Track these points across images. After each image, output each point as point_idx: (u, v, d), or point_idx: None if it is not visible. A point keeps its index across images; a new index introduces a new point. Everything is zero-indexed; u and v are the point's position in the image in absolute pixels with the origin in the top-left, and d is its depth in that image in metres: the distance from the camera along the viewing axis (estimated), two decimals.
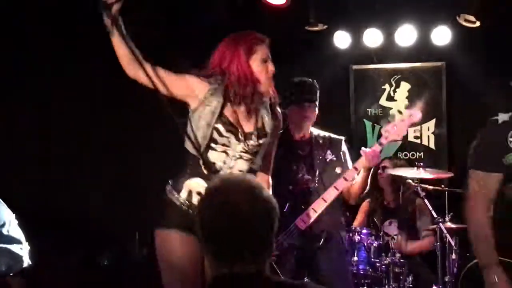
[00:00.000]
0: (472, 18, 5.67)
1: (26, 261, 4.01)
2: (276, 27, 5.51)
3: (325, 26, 6.03)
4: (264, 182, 3.56)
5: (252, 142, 3.46)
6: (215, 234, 1.90)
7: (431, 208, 5.13)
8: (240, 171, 3.47)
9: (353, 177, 4.20)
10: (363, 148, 4.14)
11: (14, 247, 3.96)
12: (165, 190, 3.48)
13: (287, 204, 4.26)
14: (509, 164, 3.22)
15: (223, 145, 3.42)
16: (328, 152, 4.41)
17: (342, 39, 6.32)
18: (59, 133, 6.21)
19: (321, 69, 6.27)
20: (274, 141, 3.61)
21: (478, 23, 5.69)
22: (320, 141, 4.44)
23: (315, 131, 4.51)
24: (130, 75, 3.38)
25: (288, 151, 4.34)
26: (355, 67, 6.62)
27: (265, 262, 1.93)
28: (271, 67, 3.37)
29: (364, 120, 4.07)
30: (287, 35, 6.04)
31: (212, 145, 3.41)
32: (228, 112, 3.43)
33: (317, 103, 4.44)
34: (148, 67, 3.35)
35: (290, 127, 4.44)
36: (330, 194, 4.17)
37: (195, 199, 3.40)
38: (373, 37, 6.32)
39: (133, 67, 3.35)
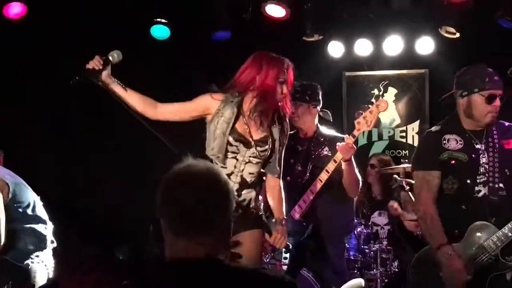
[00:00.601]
0: (452, 29, 5.72)
1: (50, 240, 3.99)
2: (277, 38, 5.66)
3: (321, 37, 6.05)
4: (277, 185, 3.69)
5: (260, 148, 3.55)
6: (173, 206, 1.78)
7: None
8: (251, 173, 3.57)
9: (333, 169, 4.13)
10: (338, 143, 4.09)
11: (39, 227, 3.92)
12: None
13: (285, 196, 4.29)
14: (444, 160, 3.44)
15: (233, 152, 3.54)
16: (325, 148, 4.38)
17: (335, 49, 6.36)
18: (79, 131, 6.23)
19: (317, 75, 6.09)
20: (282, 148, 3.68)
21: (457, 34, 5.74)
22: (321, 139, 4.41)
23: (322, 130, 4.49)
24: (150, 117, 3.52)
25: (289, 146, 4.29)
26: (347, 73, 6.67)
27: (219, 240, 1.82)
28: (285, 89, 3.45)
29: (355, 115, 4.20)
30: (287, 44, 5.83)
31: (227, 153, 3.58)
32: (239, 124, 3.52)
33: (308, 102, 4.41)
34: (161, 107, 3.53)
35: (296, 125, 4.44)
36: (316, 186, 4.19)
37: None
38: (363, 47, 6.36)
39: (148, 110, 3.50)
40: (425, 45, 6.24)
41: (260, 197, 3.75)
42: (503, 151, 3.48)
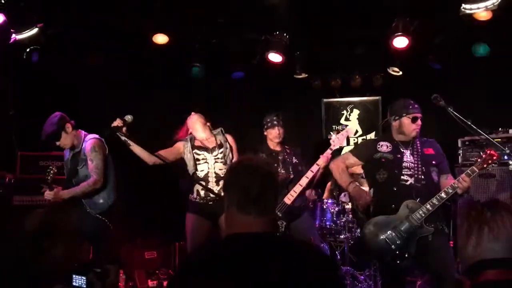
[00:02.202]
0: (396, 69, 6.00)
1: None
2: (276, 76, 6.02)
3: (306, 75, 6.21)
4: None
5: (216, 152, 4.02)
6: (240, 189, 1.68)
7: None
8: (220, 169, 3.94)
9: (316, 170, 4.24)
10: (321, 155, 4.24)
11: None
12: (188, 195, 4.08)
13: None
14: (376, 158, 3.62)
15: (203, 159, 4.01)
16: (293, 157, 4.46)
17: (316, 82, 6.51)
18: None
19: (303, 102, 6.59)
20: (233, 149, 4.08)
21: (400, 72, 6.00)
22: (288, 151, 4.50)
23: (285, 145, 4.55)
24: (150, 163, 3.87)
25: (270, 156, 4.44)
26: (325, 100, 6.77)
27: (271, 219, 1.73)
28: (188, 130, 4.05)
29: (331, 132, 4.31)
30: (282, 80, 6.26)
31: (198, 162, 4.00)
32: (196, 142, 4.04)
33: (281, 126, 4.45)
34: (158, 155, 3.84)
35: (269, 143, 4.50)
36: (303, 181, 4.26)
37: (202, 193, 3.93)
38: (336, 81, 6.52)
39: (148, 160, 3.86)
40: (379, 80, 6.39)
41: None
42: (423, 155, 3.60)
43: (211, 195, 3.90)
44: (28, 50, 4.72)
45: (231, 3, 4.98)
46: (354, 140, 6.73)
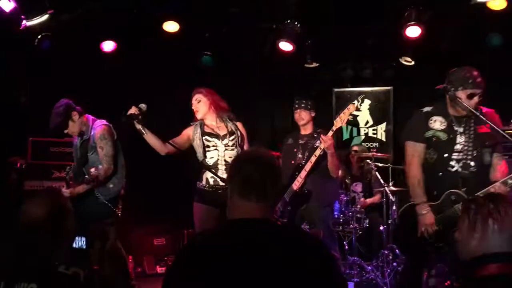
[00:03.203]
0: (409, 59, 5.88)
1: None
2: (287, 65, 5.98)
3: (317, 64, 6.13)
4: None
5: (226, 140, 3.90)
6: (242, 177, 1.75)
7: (380, 178, 5.37)
8: (230, 157, 3.84)
9: (319, 154, 4.14)
10: (321, 136, 4.15)
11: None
12: (196, 183, 4.01)
13: (290, 174, 4.34)
14: (428, 137, 3.31)
15: (213, 146, 3.89)
16: (318, 142, 4.33)
17: (327, 72, 6.51)
18: None
19: (315, 91, 6.43)
20: (244, 137, 3.99)
21: (413, 62, 5.88)
22: (315, 135, 4.43)
23: (316, 129, 4.50)
24: (163, 153, 3.83)
25: (294, 140, 4.55)
26: (335, 89, 6.73)
27: (271, 205, 1.80)
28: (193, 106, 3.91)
29: (334, 116, 4.28)
30: (294, 70, 6.24)
31: (207, 149, 3.89)
32: (206, 128, 3.93)
33: (306, 109, 4.44)
34: (169, 145, 3.80)
35: (299, 125, 4.53)
36: (308, 166, 4.21)
37: (211, 181, 3.86)
38: (347, 71, 6.56)
39: (162, 150, 3.80)
40: (390, 70, 6.38)
41: None
42: (477, 134, 3.27)
43: (221, 183, 3.84)
44: (39, 36, 4.73)
45: None
46: (364, 130, 6.73)
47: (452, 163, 3.25)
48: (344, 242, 5.31)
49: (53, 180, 5.06)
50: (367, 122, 6.71)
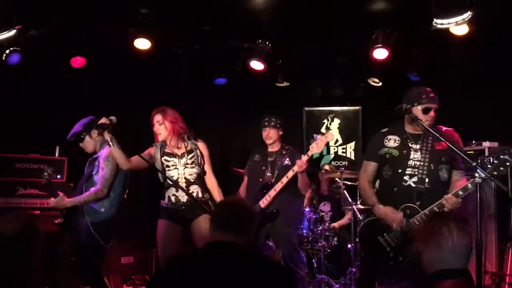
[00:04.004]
0: (376, 80, 6.04)
1: None
2: (259, 84, 6.11)
3: (288, 83, 6.20)
4: (214, 178, 4.00)
5: (185, 159, 3.94)
6: (221, 216, 2.06)
7: (348, 196, 5.38)
8: (190, 174, 3.89)
9: (291, 176, 4.18)
10: (297, 160, 4.15)
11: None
12: (160, 201, 3.98)
13: (257, 191, 4.37)
14: (381, 154, 3.44)
15: (172, 165, 3.92)
16: (287, 159, 4.38)
17: (298, 91, 6.55)
18: None
19: (285, 109, 6.26)
20: (204, 156, 4.01)
21: (380, 83, 6.04)
22: (284, 151, 4.47)
23: (284, 146, 4.52)
24: (125, 168, 3.84)
25: (262, 157, 4.56)
26: (306, 108, 6.79)
27: (246, 237, 2.04)
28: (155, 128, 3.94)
29: (311, 141, 4.22)
30: (264, 89, 6.33)
31: (167, 169, 3.91)
32: (167, 148, 3.95)
33: (274, 128, 4.45)
34: (132, 160, 3.80)
35: (266, 143, 4.54)
36: (278, 186, 4.25)
37: (173, 198, 3.88)
38: (317, 90, 6.69)
39: (125, 164, 3.80)
40: (359, 90, 6.51)
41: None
42: (433, 151, 3.33)
43: (182, 200, 3.86)
44: (7, 51, 4.67)
45: (215, 10, 4.96)
46: (334, 149, 6.77)
47: (406, 178, 3.31)
48: (313, 260, 5.30)
49: (18, 197, 4.87)
50: (337, 140, 6.74)
